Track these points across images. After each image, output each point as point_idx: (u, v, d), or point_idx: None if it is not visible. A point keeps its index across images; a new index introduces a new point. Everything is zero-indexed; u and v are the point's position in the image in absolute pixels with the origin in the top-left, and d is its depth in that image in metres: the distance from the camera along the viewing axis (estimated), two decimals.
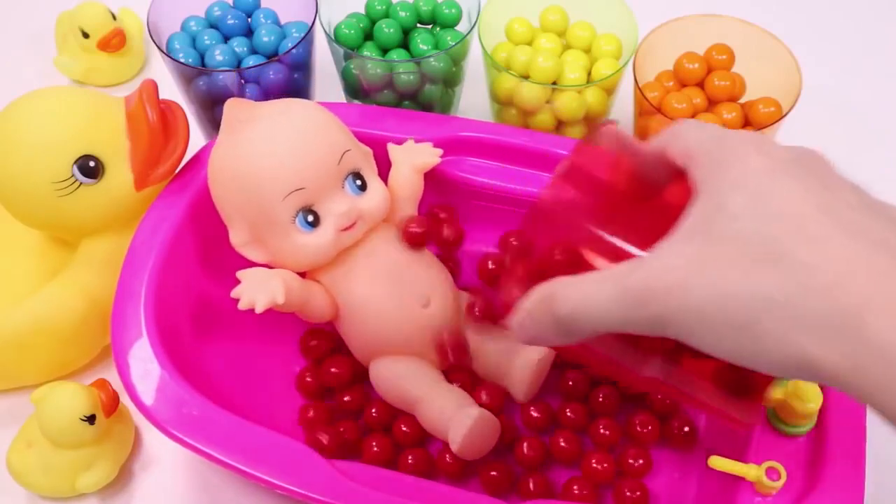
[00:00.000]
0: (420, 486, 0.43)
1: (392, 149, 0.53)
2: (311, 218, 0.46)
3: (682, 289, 0.25)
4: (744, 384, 0.30)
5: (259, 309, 0.44)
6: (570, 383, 0.50)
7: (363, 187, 0.48)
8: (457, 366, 0.50)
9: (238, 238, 0.48)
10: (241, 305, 0.44)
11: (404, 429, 0.49)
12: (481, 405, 0.47)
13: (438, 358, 0.49)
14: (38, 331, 0.50)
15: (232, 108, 0.47)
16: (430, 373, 0.48)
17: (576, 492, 0.46)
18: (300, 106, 0.48)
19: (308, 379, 0.52)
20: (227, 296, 0.45)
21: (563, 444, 0.48)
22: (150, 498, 0.50)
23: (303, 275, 0.49)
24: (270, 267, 0.47)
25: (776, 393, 0.42)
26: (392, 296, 0.47)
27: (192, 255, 0.51)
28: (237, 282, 0.48)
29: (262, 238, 0.47)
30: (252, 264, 0.47)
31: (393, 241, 0.49)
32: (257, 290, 0.44)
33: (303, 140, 0.46)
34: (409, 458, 0.48)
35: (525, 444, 0.48)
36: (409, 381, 0.48)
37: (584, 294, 0.27)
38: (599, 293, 0.27)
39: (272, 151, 0.45)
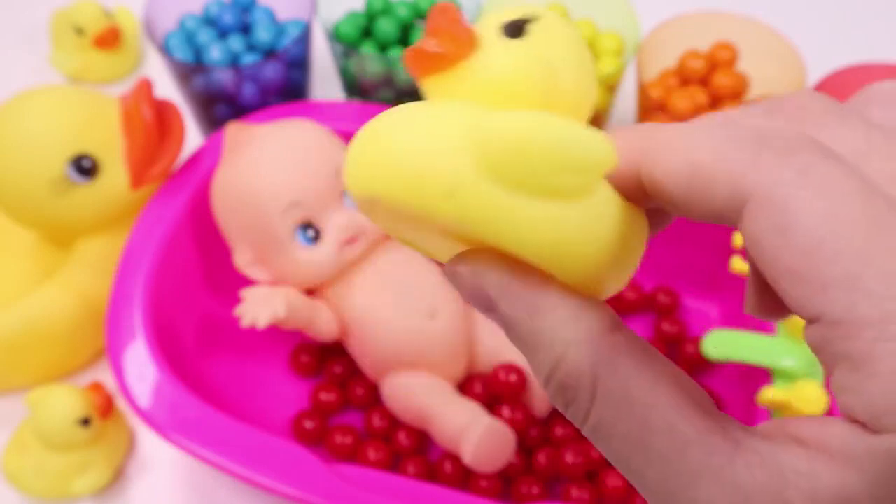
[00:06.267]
0: (420, 490, 0.42)
1: None
2: (311, 233, 0.46)
3: None
4: None
5: (261, 325, 0.44)
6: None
7: None
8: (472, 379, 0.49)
9: (242, 258, 0.48)
10: (244, 324, 0.44)
11: (403, 439, 0.48)
12: (504, 421, 0.46)
13: None
14: (32, 332, 0.49)
15: (231, 132, 0.48)
16: (443, 387, 0.47)
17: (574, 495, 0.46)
18: (296, 124, 0.48)
19: (309, 425, 0.50)
20: (224, 296, 0.44)
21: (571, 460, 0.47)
22: (146, 501, 0.49)
23: (310, 294, 0.48)
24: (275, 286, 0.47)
25: (780, 395, 0.41)
26: (396, 307, 0.47)
27: (189, 255, 0.50)
28: (235, 281, 0.48)
29: (265, 257, 0.47)
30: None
31: (396, 255, 0.48)
32: (259, 307, 0.44)
33: (296, 154, 0.46)
34: (410, 467, 0.47)
35: (542, 455, 0.47)
36: (421, 396, 0.46)
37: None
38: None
39: (267, 167, 0.46)
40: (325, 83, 0.64)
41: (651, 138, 0.17)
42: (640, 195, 0.17)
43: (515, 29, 0.17)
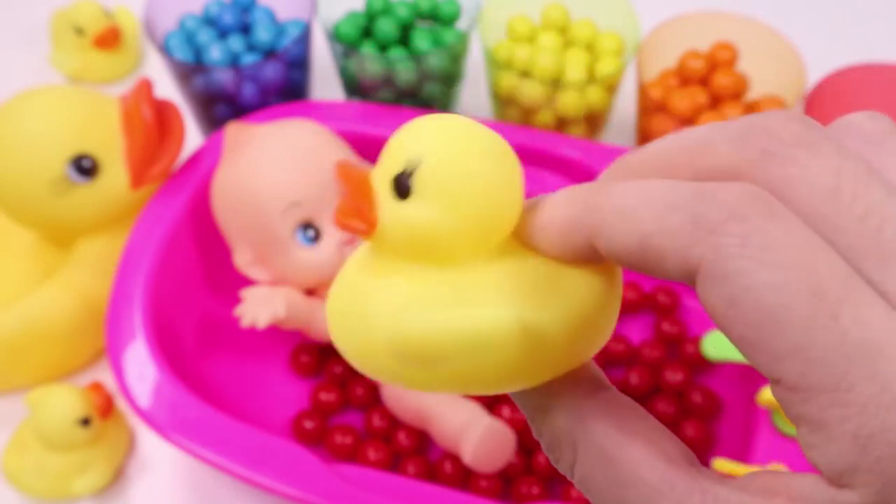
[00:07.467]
0: (420, 490, 0.42)
1: None
2: (311, 233, 0.46)
3: None
4: None
5: (261, 325, 0.44)
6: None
7: None
8: None
9: (242, 258, 0.48)
10: (244, 324, 0.44)
11: (403, 439, 0.48)
12: (505, 420, 0.46)
13: None
14: (33, 332, 0.50)
15: (231, 132, 0.48)
16: None
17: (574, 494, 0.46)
18: (296, 124, 0.48)
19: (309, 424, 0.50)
20: (224, 296, 0.45)
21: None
22: (146, 501, 0.49)
23: (310, 294, 0.48)
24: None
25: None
26: None
27: (189, 255, 0.50)
28: (235, 281, 0.48)
29: (265, 257, 0.47)
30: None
31: None
32: (259, 307, 0.44)
33: (296, 154, 0.47)
34: (410, 467, 0.47)
35: (542, 455, 0.47)
36: (421, 395, 0.46)
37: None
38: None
39: (267, 167, 0.46)
40: (325, 83, 0.64)
41: (594, 207, 0.17)
42: (599, 255, 0.18)
43: (401, 189, 0.18)
